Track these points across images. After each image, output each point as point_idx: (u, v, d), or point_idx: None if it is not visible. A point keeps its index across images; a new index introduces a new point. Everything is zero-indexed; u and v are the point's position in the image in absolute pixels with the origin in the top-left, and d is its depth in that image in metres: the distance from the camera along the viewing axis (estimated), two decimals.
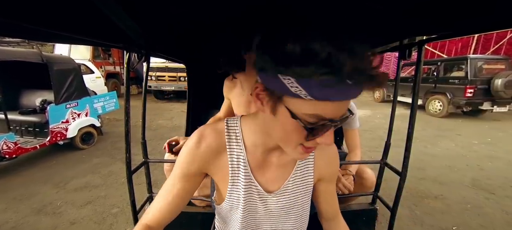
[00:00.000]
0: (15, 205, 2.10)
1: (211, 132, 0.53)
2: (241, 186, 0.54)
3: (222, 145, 0.53)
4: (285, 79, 0.35)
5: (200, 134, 0.52)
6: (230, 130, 0.53)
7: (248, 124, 0.53)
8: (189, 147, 0.52)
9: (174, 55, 1.40)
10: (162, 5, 0.67)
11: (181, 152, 0.53)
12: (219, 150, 0.52)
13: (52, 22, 0.56)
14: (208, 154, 0.52)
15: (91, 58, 6.99)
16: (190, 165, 0.51)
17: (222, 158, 0.53)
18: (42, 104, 3.10)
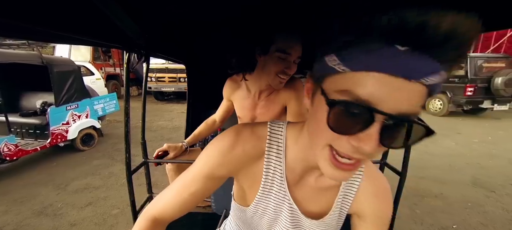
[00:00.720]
0: (16, 207, 2.10)
1: (250, 135, 0.46)
2: (272, 198, 0.48)
3: (261, 152, 0.46)
4: (328, 57, 0.31)
5: (236, 134, 0.45)
6: (273, 137, 0.46)
7: (294, 132, 0.46)
8: (222, 147, 0.45)
9: (174, 56, 1.41)
10: (162, 5, 0.68)
11: (211, 151, 0.46)
12: (256, 157, 0.46)
13: (52, 22, 0.57)
14: (243, 160, 0.46)
15: (91, 60, 7.00)
16: (219, 167, 0.45)
17: (257, 165, 0.47)
18: (43, 107, 3.11)
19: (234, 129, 0.47)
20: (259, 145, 0.46)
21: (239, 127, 0.48)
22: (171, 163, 1.21)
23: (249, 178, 0.49)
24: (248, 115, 1.10)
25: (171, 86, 7.09)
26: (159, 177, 2.51)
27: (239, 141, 0.45)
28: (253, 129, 0.47)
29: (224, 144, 0.45)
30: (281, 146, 0.46)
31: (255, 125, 0.49)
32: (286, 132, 0.47)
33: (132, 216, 1.02)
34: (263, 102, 1.04)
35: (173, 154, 1.11)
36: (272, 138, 0.46)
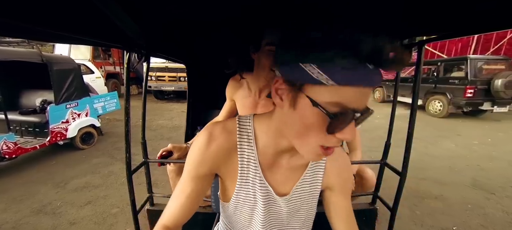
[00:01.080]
0: (15, 205, 2.10)
1: (221, 131, 0.50)
2: (250, 186, 0.53)
3: (233, 144, 0.51)
4: (307, 66, 0.35)
5: (209, 133, 0.50)
6: (242, 129, 0.51)
7: (261, 123, 0.51)
8: (199, 147, 0.50)
9: (174, 55, 1.40)
10: (162, 5, 0.67)
11: (191, 152, 0.51)
12: (229, 149, 0.51)
13: (52, 22, 0.56)
14: (219, 155, 0.50)
15: (91, 59, 6.99)
16: (200, 167, 0.50)
17: (233, 157, 0.51)
18: (42, 105, 3.10)
19: (207, 128, 0.52)
20: (231, 138, 0.51)
21: (211, 126, 0.52)
22: (172, 164, 1.20)
23: (228, 171, 0.53)
24: (250, 114, 1.09)
25: (171, 86, 7.09)
26: (159, 177, 2.50)
27: (212, 138, 0.50)
28: (223, 125, 0.52)
29: (200, 143, 0.50)
30: (251, 135, 0.51)
31: (224, 121, 0.54)
32: (254, 122, 0.52)
33: (132, 216, 1.02)
34: (264, 101, 1.04)
35: (177, 154, 1.09)
36: (242, 129, 0.51)
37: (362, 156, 1.35)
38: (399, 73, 1.09)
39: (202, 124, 1.74)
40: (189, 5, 0.68)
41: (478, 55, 6.11)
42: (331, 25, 0.33)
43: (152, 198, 1.18)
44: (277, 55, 0.39)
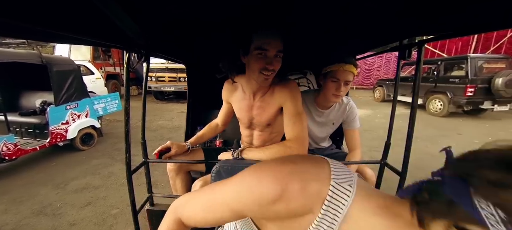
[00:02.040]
0: (15, 206, 2.10)
1: (300, 195, 0.36)
2: None
3: (308, 211, 0.37)
4: (483, 208, 0.23)
5: (283, 190, 0.36)
6: (332, 205, 0.36)
7: (364, 211, 0.35)
8: (261, 198, 0.37)
9: (174, 56, 1.40)
10: (161, 5, 0.67)
11: (248, 190, 0.39)
12: (300, 215, 0.38)
13: (52, 22, 0.56)
14: (282, 217, 0.38)
15: (91, 59, 7.00)
16: (250, 212, 0.41)
17: (299, 221, 0.38)
18: (42, 106, 3.10)
19: (282, 179, 0.37)
20: (311, 206, 0.36)
21: (288, 177, 0.37)
22: (172, 163, 1.21)
23: (283, 226, 0.41)
24: (246, 116, 1.11)
25: (171, 86, 7.09)
26: (159, 177, 2.50)
27: (284, 199, 0.36)
28: (306, 185, 0.36)
29: (264, 195, 0.37)
30: (337, 218, 0.36)
31: (311, 176, 0.37)
32: (353, 202, 0.36)
33: (132, 215, 1.02)
34: (259, 103, 1.05)
35: (174, 151, 1.13)
36: (332, 204, 0.36)
37: (362, 156, 1.34)
38: (399, 72, 1.09)
39: (202, 124, 1.74)
40: (188, 5, 0.68)
41: (478, 54, 6.12)
42: None
43: (152, 198, 1.18)
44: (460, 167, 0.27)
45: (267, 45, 0.86)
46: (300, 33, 1.04)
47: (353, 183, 0.37)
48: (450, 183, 0.27)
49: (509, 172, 0.22)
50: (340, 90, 1.16)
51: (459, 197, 0.25)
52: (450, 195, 0.26)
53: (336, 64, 1.15)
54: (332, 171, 0.37)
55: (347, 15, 0.78)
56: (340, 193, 0.36)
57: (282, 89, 1.00)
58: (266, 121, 1.07)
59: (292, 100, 0.99)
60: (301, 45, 1.29)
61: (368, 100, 8.64)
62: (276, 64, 0.90)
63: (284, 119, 1.00)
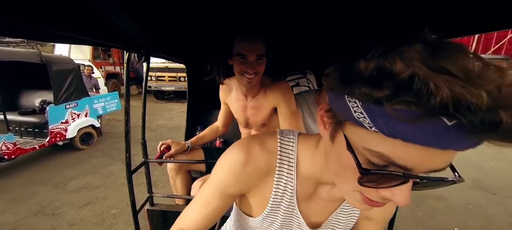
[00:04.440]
0: (14, 206, 2.09)
1: (260, 151, 0.44)
2: (280, 214, 0.48)
3: (271, 168, 0.44)
4: (351, 101, 0.27)
5: (247, 152, 0.43)
6: (283, 152, 0.44)
7: (306, 148, 0.44)
8: (233, 165, 0.44)
9: (174, 55, 1.40)
10: (161, 6, 0.67)
11: (223, 167, 0.45)
12: (266, 173, 0.45)
13: (52, 22, 0.56)
14: (254, 178, 0.44)
15: (91, 59, 6.99)
16: (231, 187, 0.45)
17: (268, 181, 0.45)
18: (42, 105, 3.10)
19: (243, 145, 0.44)
20: (270, 160, 0.44)
21: (247, 142, 0.45)
22: (172, 163, 1.21)
23: (258, 193, 0.47)
24: (242, 116, 1.13)
25: (171, 86, 7.09)
26: (159, 177, 2.50)
27: (250, 159, 0.43)
28: (262, 143, 0.44)
29: (235, 161, 0.43)
30: (292, 162, 0.44)
31: (263, 138, 0.46)
32: (297, 146, 0.44)
33: (132, 215, 1.01)
34: (252, 104, 1.07)
35: (174, 150, 1.14)
36: (283, 152, 0.44)
37: None
38: None
39: (202, 124, 1.74)
40: (188, 5, 0.68)
41: None
42: (391, 52, 0.24)
43: (152, 198, 1.18)
44: (329, 78, 0.33)
45: (246, 50, 0.86)
46: (300, 33, 1.04)
47: (294, 133, 0.47)
48: (329, 98, 0.34)
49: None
50: None
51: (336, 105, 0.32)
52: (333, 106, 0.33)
53: None
54: (278, 131, 0.47)
55: (347, 15, 0.78)
56: (286, 141, 0.45)
57: (274, 91, 1.01)
58: (261, 121, 1.09)
59: (285, 101, 1.00)
60: (301, 45, 1.28)
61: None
62: (257, 68, 0.90)
63: (280, 120, 1.02)
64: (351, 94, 0.27)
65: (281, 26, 0.89)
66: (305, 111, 1.35)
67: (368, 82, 0.25)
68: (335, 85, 0.30)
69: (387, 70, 0.23)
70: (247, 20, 0.83)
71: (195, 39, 1.16)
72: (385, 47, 0.25)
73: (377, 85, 0.24)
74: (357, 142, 0.29)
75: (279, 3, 0.66)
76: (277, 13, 0.76)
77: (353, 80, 0.27)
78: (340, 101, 0.29)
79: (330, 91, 0.33)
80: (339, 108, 0.30)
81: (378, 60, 0.24)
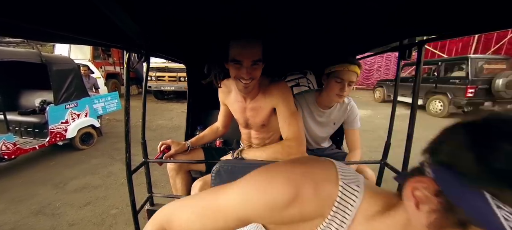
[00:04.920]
0: (14, 206, 2.09)
1: (313, 196, 0.35)
2: None
3: (319, 214, 0.36)
4: (503, 208, 0.19)
5: (296, 192, 0.35)
6: (341, 206, 0.35)
7: (370, 210, 0.35)
8: (275, 202, 0.35)
9: (174, 55, 1.40)
10: (161, 5, 0.67)
11: (258, 194, 0.36)
12: (312, 218, 0.36)
13: (52, 22, 0.56)
14: (295, 219, 0.36)
15: (91, 59, 6.99)
16: (260, 218, 0.37)
17: (310, 223, 0.37)
18: (42, 105, 3.10)
19: (294, 181, 0.35)
20: (321, 208, 0.35)
21: (300, 179, 0.35)
22: (172, 163, 1.21)
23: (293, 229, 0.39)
24: (241, 117, 1.13)
25: (171, 86, 7.08)
26: (159, 177, 2.50)
27: (298, 200, 0.34)
28: (317, 187, 0.35)
29: (278, 199, 0.35)
30: (347, 219, 0.35)
31: (320, 180, 0.36)
32: (361, 203, 0.35)
33: (132, 215, 1.01)
34: (251, 106, 1.07)
35: (174, 149, 1.14)
36: (340, 206, 0.35)
37: (362, 156, 1.34)
38: (399, 73, 1.09)
39: (202, 124, 1.74)
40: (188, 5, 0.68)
41: (479, 55, 6.12)
42: None
43: (152, 198, 1.18)
44: (449, 146, 0.24)
45: (241, 56, 0.86)
46: (300, 33, 1.04)
47: (360, 183, 0.37)
48: (440, 176, 0.24)
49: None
50: (344, 91, 1.16)
51: (458, 197, 0.22)
52: (446, 195, 0.24)
53: (340, 65, 1.14)
54: (339, 172, 0.37)
55: (347, 15, 0.78)
56: (349, 194, 0.35)
57: (273, 91, 1.01)
58: (261, 122, 1.09)
59: (284, 102, 0.99)
60: (301, 45, 1.28)
61: (368, 100, 8.64)
62: (253, 73, 0.89)
63: (279, 121, 1.01)
64: (504, 199, 0.18)
65: (281, 26, 0.89)
66: (305, 111, 1.35)
67: None
68: (463, 167, 0.21)
69: None
70: (247, 20, 0.83)
71: (195, 39, 1.16)
72: None
73: None
74: None
75: (279, 3, 0.66)
76: (277, 13, 0.76)
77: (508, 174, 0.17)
78: (472, 197, 0.20)
79: (445, 169, 0.23)
80: (467, 205, 0.21)
81: None
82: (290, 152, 0.92)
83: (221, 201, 0.39)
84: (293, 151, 0.92)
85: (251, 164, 0.93)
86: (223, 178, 0.91)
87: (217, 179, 0.92)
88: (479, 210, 0.20)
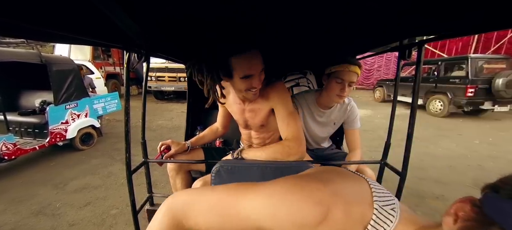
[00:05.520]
0: (14, 206, 2.09)
1: (343, 218, 0.34)
2: None
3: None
4: None
5: (326, 213, 0.34)
6: (375, 228, 0.34)
7: None
8: (301, 221, 0.34)
9: (174, 55, 1.40)
10: (161, 5, 0.67)
11: (285, 209, 0.35)
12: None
13: (52, 22, 0.56)
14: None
15: (91, 59, 7.00)
16: (285, 227, 0.35)
17: None
18: (42, 105, 3.10)
19: (324, 201, 0.34)
20: (351, 227, 0.34)
21: (331, 199, 0.34)
22: (172, 163, 1.21)
23: None
24: (241, 118, 1.14)
25: (171, 86, 7.08)
26: (159, 177, 2.50)
27: (327, 222, 0.33)
28: (348, 209, 0.34)
29: (306, 219, 0.34)
30: None
31: (352, 201, 0.35)
32: (396, 227, 0.34)
33: (132, 216, 1.02)
34: (249, 107, 1.07)
35: (174, 149, 1.14)
36: (374, 229, 0.34)
37: (362, 156, 1.34)
38: (399, 73, 1.09)
39: (202, 124, 1.74)
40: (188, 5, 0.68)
41: (479, 54, 6.12)
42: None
43: (152, 198, 1.18)
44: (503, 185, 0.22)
45: (251, 70, 0.86)
46: (300, 33, 1.04)
47: (396, 207, 0.35)
48: (486, 202, 0.24)
49: None
50: (344, 91, 1.16)
51: None
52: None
53: (341, 65, 1.14)
54: (374, 192, 0.36)
55: (347, 15, 0.78)
56: (384, 218, 0.34)
57: (270, 92, 1.01)
58: (260, 123, 1.09)
59: (282, 102, 1.00)
60: (301, 46, 1.28)
61: (368, 100, 8.64)
62: (261, 79, 0.92)
63: (278, 121, 1.01)
64: None
65: (281, 26, 0.89)
66: (305, 111, 1.35)
67: None
68: (506, 194, 0.21)
69: None
70: (247, 19, 0.82)
71: (195, 39, 1.16)
72: None
73: None
74: None
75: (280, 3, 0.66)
76: (277, 13, 0.76)
77: None
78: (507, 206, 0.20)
79: (499, 199, 0.23)
80: (498, 214, 0.22)
81: None
82: (290, 152, 0.92)
83: (244, 207, 0.37)
84: (293, 151, 0.92)
85: (251, 164, 0.93)
86: (223, 178, 0.91)
87: (217, 179, 0.92)
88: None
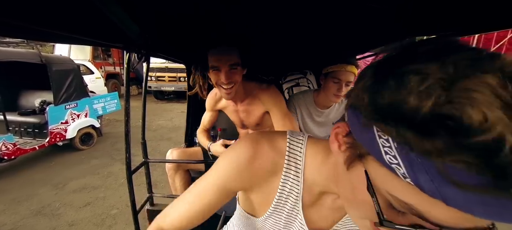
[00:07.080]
0: (14, 206, 2.09)
1: (269, 149, 0.42)
2: (283, 216, 0.46)
3: (278, 167, 0.42)
4: (382, 138, 0.22)
5: (255, 148, 0.41)
6: (292, 153, 0.42)
7: (315, 155, 0.41)
8: (239, 160, 0.41)
9: (174, 56, 1.40)
10: (161, 6, 0.67)
11: (226, 160, 0.43)
12: (272, 172, 0.42)
13: (52, 22, 0.56)
14: (259, 175, 0.42)
15: (91, 59, 6.99)
16: (233, 182, 0.43)
17: (273, 182, 0.43)
18: (41, 105, 3.09)
19: (252, 140, 0.42)
20: (277, 159, 0.42)
21: (256, 138, 0.43)
22: (171, 163, 1.21)
23: (262, 192, 0.45)
24: (237, 119, 1.16)
25: (171, 86, 7.08)
26: (159, 177, 2.50)
27: (257, 155, 0.41)
28: (271, 141, 0.43)
29: (241, 157, 0.41)
30: (299, 165, 0.42)
31: (273, 136, 0.44)
32: (306, 149, 0.42)
33: (132, 215, 1.02)
34: (243, 108, 1.10)
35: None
36: (291, 154, 0.42)
37: None
38: None
39: None
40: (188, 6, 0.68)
41: None
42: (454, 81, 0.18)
43: (152, 198, 1.18)
44: (356, 92, 0.26)
45: (218, 62, 0.88)
46: (300, 33, 1.05)
47: (303, 134, 0.45)
48: (350, 119, 0.28)
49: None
50: (342, 91, 1.17)
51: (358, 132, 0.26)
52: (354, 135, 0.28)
53: (338, 65, 1.15)
54: (288, 131, 0.45)
55: (347, 15, 0.78)
56: (295, 142, 0.43)
57: (263, 96, 1.03)
58: (255, 122, 1.12)
59: (276, 106, 1.02)
60: (301, 46, 1.29)
61: None
62: (233, 77, 0.91)
63: (274, 124, 1.04)
64: (384, 129, 0.21)
65: (281, 26, 0.89)
66: (304, 112, 1.35)
67: (415, 126, 0.18)
68: (362, 107, 0.24)
69: (453, 121, 0.17)
70: (246, 19, 0.82)
71: (195, 39, 1.16)
72: (445, 74, 0.18)
73: (428, 134, 0.18)
74: (381, 184, 0.24)
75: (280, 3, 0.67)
76: (277, 13, 0.76)
77: (391, 113, 0.20)
78: (366, 131, 0.23)
79: (352, 111, 0.26)
80: (363, 139, 0.25)
81: (437, 100, 0.18)
82: None
83: (204, 181, 0.45)
84: None
85: None
86: None
87: None
88: (368, 140, 0.24)
